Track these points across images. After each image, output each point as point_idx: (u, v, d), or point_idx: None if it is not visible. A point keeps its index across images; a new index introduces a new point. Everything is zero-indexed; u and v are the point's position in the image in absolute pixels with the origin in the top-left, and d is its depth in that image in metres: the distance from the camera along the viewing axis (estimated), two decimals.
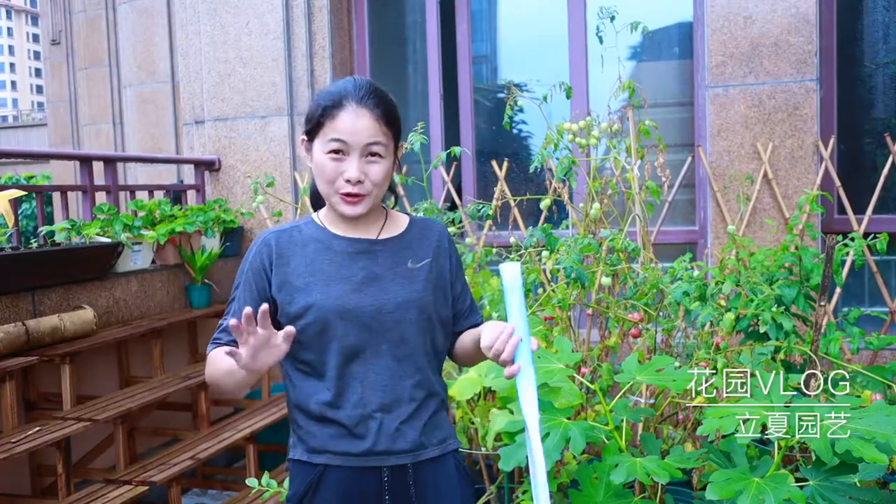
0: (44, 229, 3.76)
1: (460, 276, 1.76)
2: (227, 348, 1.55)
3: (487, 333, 1.50)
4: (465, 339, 1.75)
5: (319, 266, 1.61)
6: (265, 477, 2.42)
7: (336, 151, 1.56)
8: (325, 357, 1.59)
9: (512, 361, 1.47)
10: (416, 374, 1.62)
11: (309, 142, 1.64)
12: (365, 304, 1.58)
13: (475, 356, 1.74)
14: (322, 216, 1.70)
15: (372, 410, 1.58)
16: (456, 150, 2.93)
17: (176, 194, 5.06)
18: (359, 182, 1.56)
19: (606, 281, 2.81)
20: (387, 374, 1.59)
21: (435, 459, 1.65)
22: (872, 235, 2.63)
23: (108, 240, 3.81)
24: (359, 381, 1.58)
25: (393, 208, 1.76)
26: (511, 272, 1.47)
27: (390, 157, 1.61)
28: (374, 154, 1.57)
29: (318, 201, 1.74)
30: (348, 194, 1.57)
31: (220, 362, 1.58)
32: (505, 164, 3.92)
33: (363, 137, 1.55)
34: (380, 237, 1.67)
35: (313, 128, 1.60)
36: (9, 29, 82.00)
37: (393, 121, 1.61)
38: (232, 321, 1.41)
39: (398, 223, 1.71)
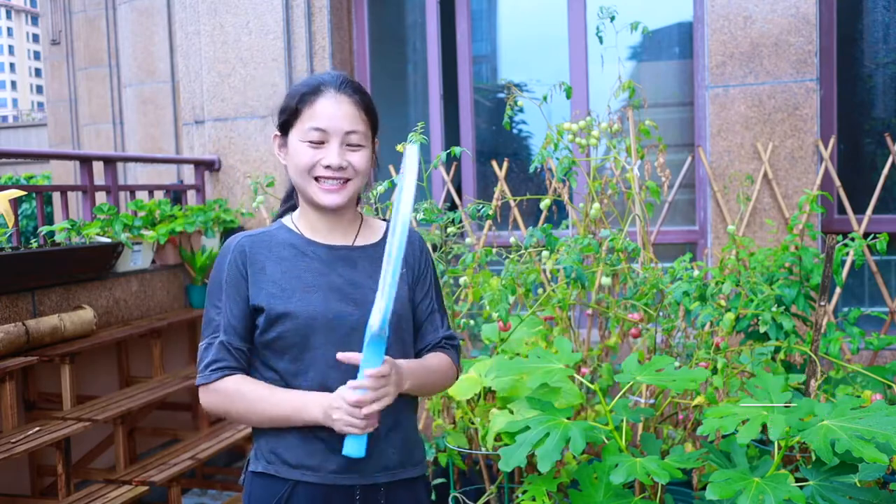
0: (44, 229, 3.76)
1: (424, 286, 1.66)
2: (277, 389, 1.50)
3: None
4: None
5: (297, 272, 1.53)
6: None
7: (314, 141, 1.51)
8: (301, 366, 1.51)
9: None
10: None
11: (283, 136, 1.57)
12: (346, 313, 1.52)
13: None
14: (296, 220, 1.61)
15: None
16: (456, 150, 2.92)
17: (176, 194, 5.06)
18: (340, 168, 1.51)
19: (606, 281, 2.81)
20: None
21: (410, 482, 1.60)
22: (872, 235, 2.62)
23: (108, 240, 3.81)
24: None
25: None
26: (411, 152, 1.38)
27: (369, 146, 1.57)
28: (353, 143, 1.52)
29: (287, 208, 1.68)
30: (328, 180, 1.51)
31: (274, 401, 1.49)
32: (505, 164, 3.91)
33: (343, 124, 1.51)
34: (356, 243, 1.60)
35: (289, 117, 1.54)
36: (9, 29, 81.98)
37: (371, 110, 1.57)
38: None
39: (374, 229, 1.65)
